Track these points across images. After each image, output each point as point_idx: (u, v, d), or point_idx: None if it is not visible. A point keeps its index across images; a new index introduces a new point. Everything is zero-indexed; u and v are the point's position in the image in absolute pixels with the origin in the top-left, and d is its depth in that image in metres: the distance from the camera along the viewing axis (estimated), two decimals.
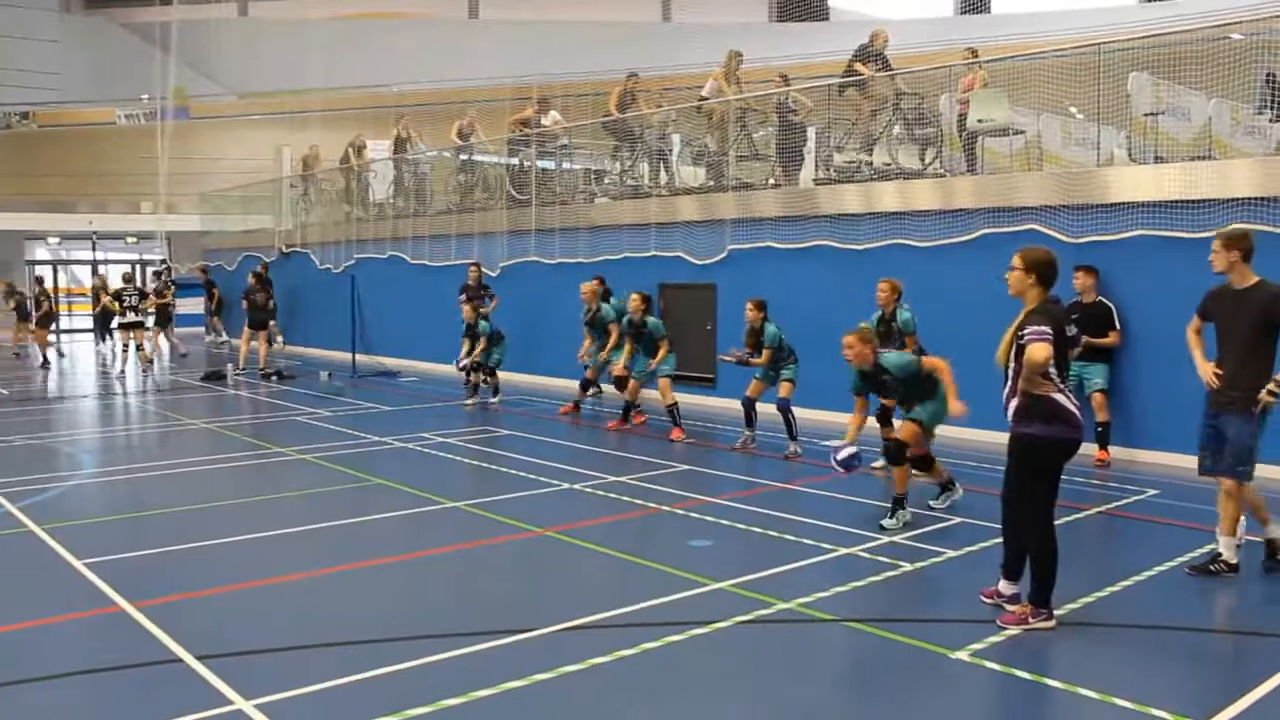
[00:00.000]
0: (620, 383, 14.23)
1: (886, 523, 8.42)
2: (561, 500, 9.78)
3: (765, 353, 11.77)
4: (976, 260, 12.55)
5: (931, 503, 9.13)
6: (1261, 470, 7.25)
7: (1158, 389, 11.09)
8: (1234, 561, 7.15)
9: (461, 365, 16.43)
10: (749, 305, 11.92)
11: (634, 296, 13.73)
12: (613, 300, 15.07)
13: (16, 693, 5.35)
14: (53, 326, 26.41)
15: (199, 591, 7.04)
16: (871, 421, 10.08)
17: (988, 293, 11.93)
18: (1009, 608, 6.25)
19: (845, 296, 13.65)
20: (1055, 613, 6.15)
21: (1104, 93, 12.16)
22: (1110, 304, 11.36)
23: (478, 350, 16.24)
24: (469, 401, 16.33)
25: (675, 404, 13.44)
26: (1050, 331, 5.87)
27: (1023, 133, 13.06)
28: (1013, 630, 6.03)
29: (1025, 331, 5.94)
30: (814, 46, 26.28)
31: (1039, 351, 5.81)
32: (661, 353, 13.52)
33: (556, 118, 20.00)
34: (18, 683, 5.45)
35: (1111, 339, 11.30)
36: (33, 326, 25.35)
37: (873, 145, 14.54)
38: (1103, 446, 11.23)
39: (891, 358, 8.88)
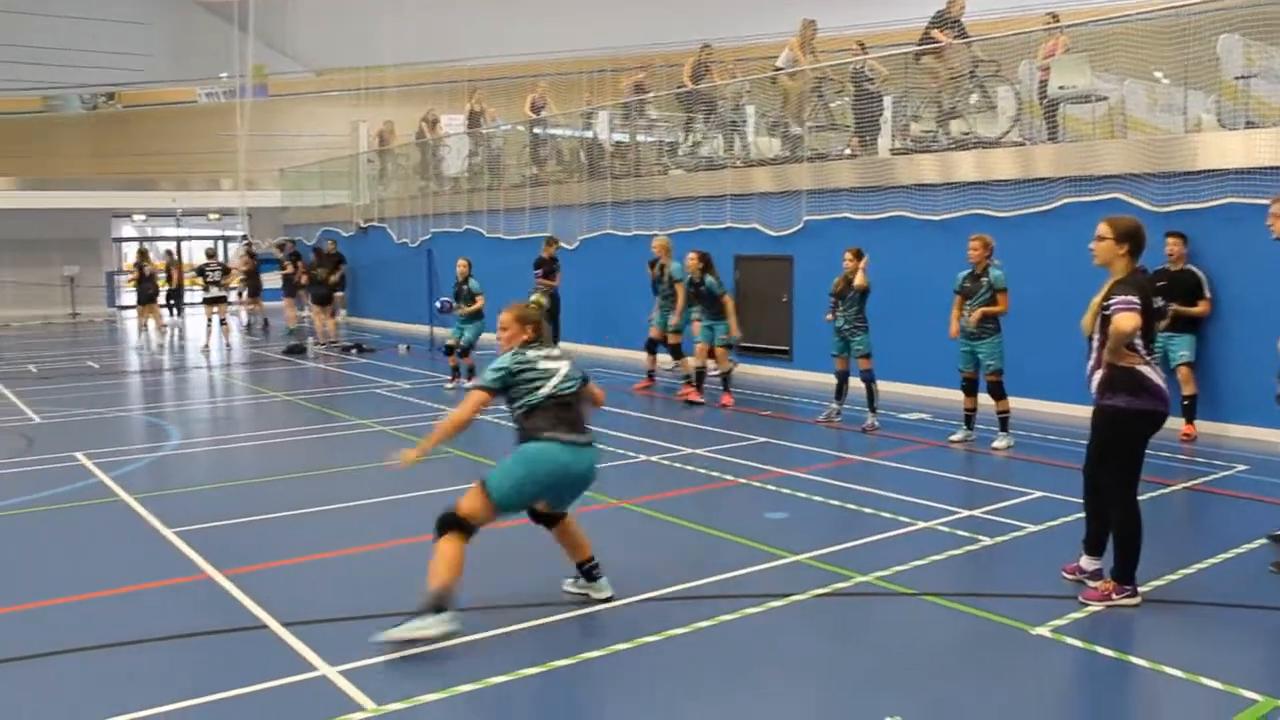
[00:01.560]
0: (675, 350, 14.35)
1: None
2: (638, 472, 9.83)
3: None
4: (1057, 230, 12.33)
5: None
6: None
7: (1247, 361, 10.81)
8: None
9: (444, 306, 15.76)
10: (848, 255, 11.64)
11: (691, 255, 13.59)
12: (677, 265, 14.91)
13: (108, 656, 5.53)
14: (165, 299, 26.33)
15: (285, 560, 7.21)
16: (951, 393, 10.01)
17: (1068, 263, 11.77)
18: (1091, 584, 6.17)
19: (922, 267, 13.51)
20: (1140, 590, 6.05)
21: (1192, 56, 11.83)
22: (1200, 272, 11.08)
23: (469, 308, 15.18)
24: (450, 384, 15.47)
25: (729, 371, 13.43)
26: (1138, 301, 5.75)
27: (1106, 99, 12.76)
28: (1095, 607, 5.95)
29: (1112, 301, 5.81)
30: (891, 14, 25.85)
31: (1126, 321, 5.69)
32: (728, 311, 13.39)
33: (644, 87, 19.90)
34: (110, 646, 5.63)
35: (1201, 308, 11.01)
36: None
37: (950, 114, 14.31)
38: (1189, 420, 10.99)
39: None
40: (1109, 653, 5.37)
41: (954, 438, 10.86)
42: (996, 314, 10.43)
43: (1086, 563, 6.33)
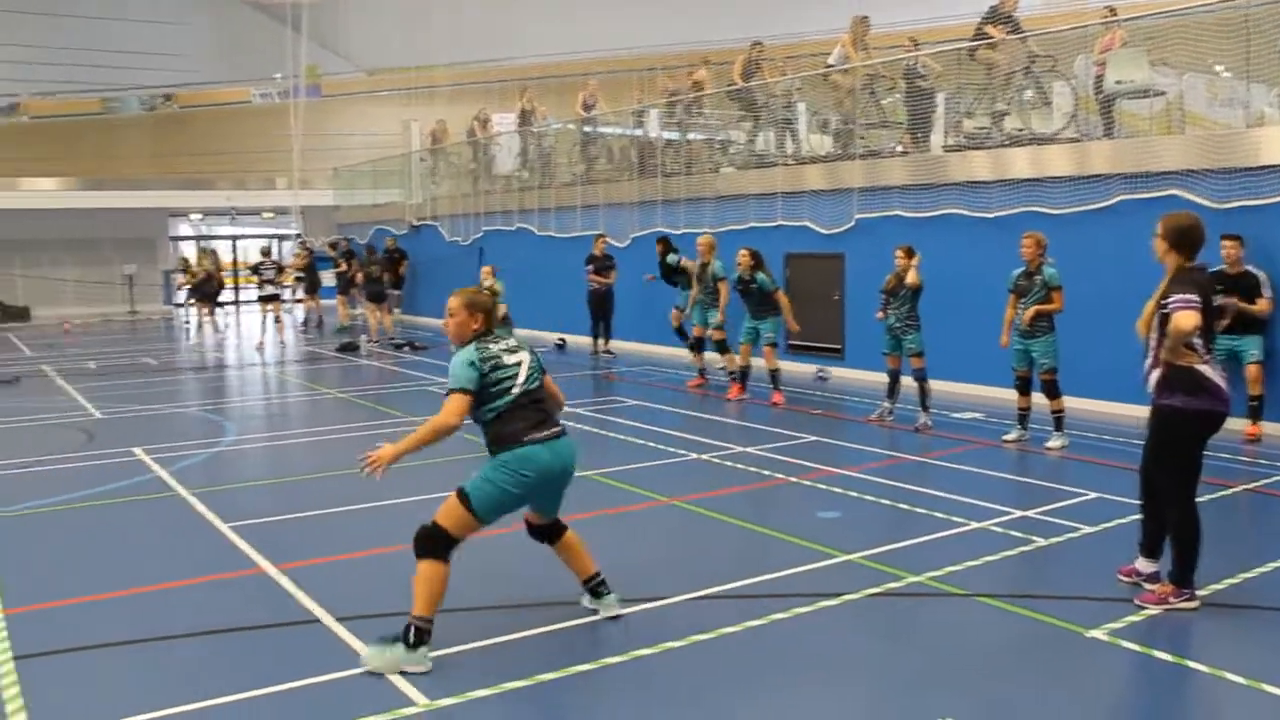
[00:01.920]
0: (721, 346, 14.32)
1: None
2: (689, 470, 9.82)
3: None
4: (1112, 227, 12.15)
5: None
6: None
7: None
8: None
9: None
10: (899, 252, 11.54)
11: (742, 251, 13.36)
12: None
13: (163, 649, 5.62)
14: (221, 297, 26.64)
15: (338, 555, 7.28)
16: (1005, 392, 9.85)
17: (1123, 261, 11.62)
18: (1148, 586, 6.07)
19: (975, 265, 13.39)
20: (1198, 593, 5.95)
21: (1254, 49, 11.60)
22: (1259, 273, 10.85)
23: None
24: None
25: (777, 369, 13.33)
26: (1197, 299, 5.65)
27: (1164, 94, 12.56)
28: (1152, 610, 5.86)
29: (1170, 300, 5.71)
30: (944, 9, 25.60)
31: (1185, 320, 5.59)
32: (784, 307, 13.28)
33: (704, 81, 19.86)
34: (164, 639, 5.72)
35: (1261, 306, 10.78)
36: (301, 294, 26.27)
37: (1004, 110, 14.16)
38: (1254, 421, 10.78)
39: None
40: (1166, 657, 5.28)
41: (1007, 437, 10.75)
42: (1051, 312, 10.30)
43: (1143, 565, 6.23)
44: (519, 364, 5.59)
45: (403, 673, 5.13)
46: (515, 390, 5.50)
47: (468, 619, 5.93)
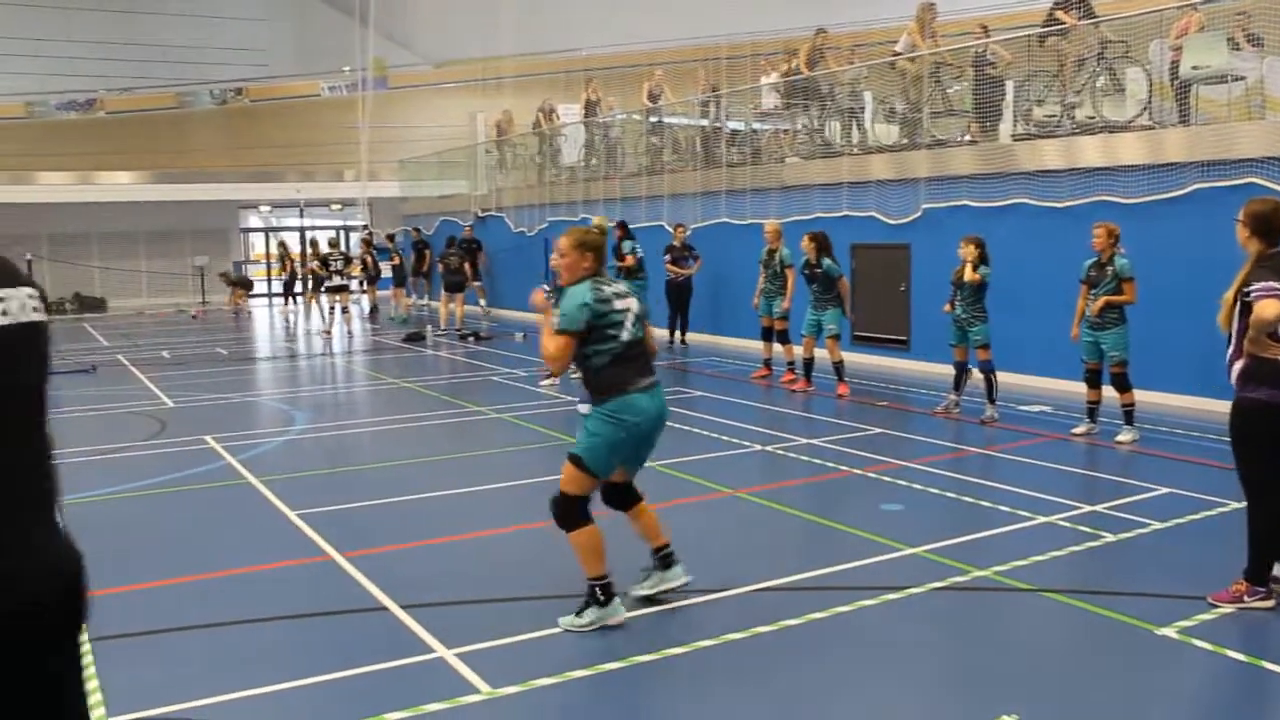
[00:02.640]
0: (782, 336, 14.22)
1: None
2: (753, 462, 9.80)
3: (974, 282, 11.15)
4: (1188, 217, 11.89)
5: None
6: None
7: None
8: None
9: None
10: (965, 243, 11.38)
11: (806, 236, 13.26)
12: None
13: (235, 632, 5.73)
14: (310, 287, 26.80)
15: (404, 543, 7.37)
16: (1073, 385, 9.68)
17: (1200, 251, 11.37)
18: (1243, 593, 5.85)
19: (1044, 256, 13.18)
20: (1276, 591, 5.81)
21: None
22: None
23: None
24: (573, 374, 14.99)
25: (841, 361, 13.19)
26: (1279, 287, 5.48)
27: (1243, 78, 12.24)
28: (1226, 608, 5.73)
29: (1252, 288, 5.53)
30: None
31: (1269, 309, 5.40)
32: (844, 294, 13.16)
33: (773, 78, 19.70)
34: (234, 624, 5.83)
35: None
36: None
37: (1076, 98, 13.90)
38: None
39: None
40: (1240, 656, 5.17)
41: (1076, 430, 10.58)
42: (1122, 303, 10.10)
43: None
44: (627, 310, 5.65)
45: (604, 627, 5.57)
46: (624, 336, 5.57)
47: (530, 608, 5.97)
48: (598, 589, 5.60)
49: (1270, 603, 5.73)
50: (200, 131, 38.94)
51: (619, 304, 5.61)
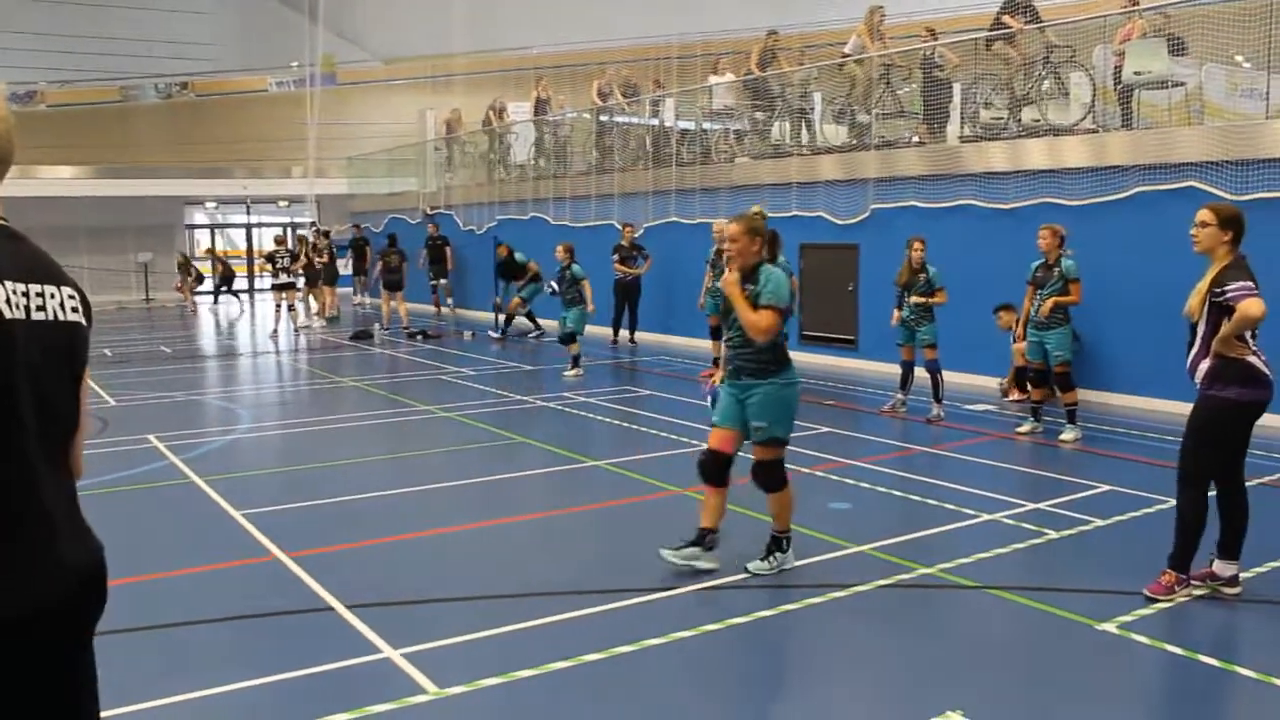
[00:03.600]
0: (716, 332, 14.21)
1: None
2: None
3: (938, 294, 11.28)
4: (1130, 219, 12.08)
5: None
6: None
7: None
8: None
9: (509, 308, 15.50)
10: (915, 244, 11.51)
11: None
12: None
13: (179, 634, 5.65)
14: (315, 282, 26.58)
15: (351, 543, 7.30)
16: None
17: (1141, 252, 11.54)
18: (1228, 591, 5.93)
19: (990, 257, 13.32)
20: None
21: (1277, 38, 11.50)
22: None
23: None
24: (569, 372, 15.35)
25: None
26: (1255, 286, 5.60)
27: (1183, 84, 12.46)
28: (1164, 603, 5.82)
29: (1229, 288, 5.60)
30: None
31: (1254, 307, 5.49)
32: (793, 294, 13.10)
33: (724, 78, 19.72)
34: (178, 625, 5.74)
35: None
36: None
37: (1021, 101, 14.07)
38: None
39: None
40: (1179, 651, 5.26)
41: (1021, 429, 10.71)
42: (1069, 304, 10.24)
43: (1220, 567, 5.98)
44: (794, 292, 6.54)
45: (782, 570, 6.36)
46: (793, 314, 6.39)
47: (476, 608, 5.94)
48: (785, 539, 6.41)
49: (1202, 589, 5.84)
50: (145, 126, 38.37)
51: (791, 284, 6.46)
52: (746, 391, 6.28)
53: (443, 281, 24.68)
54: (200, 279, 32.07)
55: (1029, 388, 10.90)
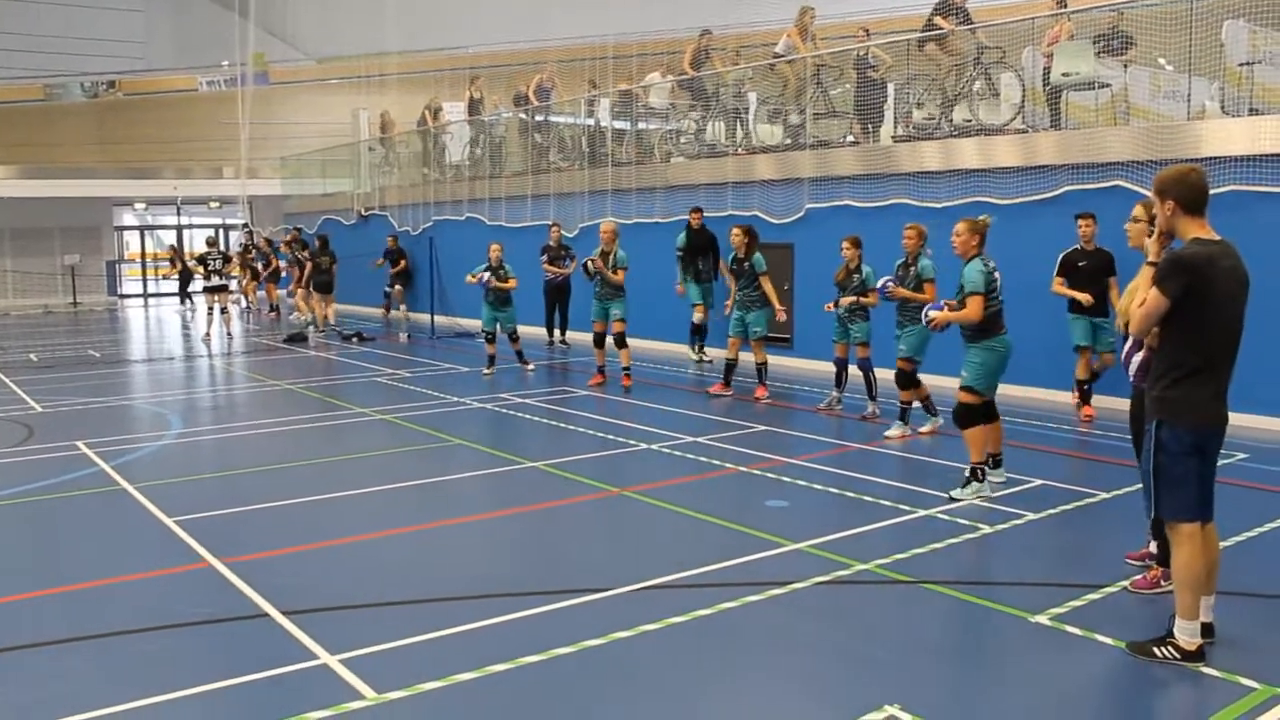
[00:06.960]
0: (619, 339, 14.05)
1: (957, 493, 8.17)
2: (638, 460, 9.83)
3: (873, 295, 11.35)
4: (1059, 217, 12.28)
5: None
6: None
7: (1252, 351, 10.72)
8: None
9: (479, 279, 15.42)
10: (846, 243, 11.59)
11: (736, 228, 13.02)
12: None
13: (112, 643, 5.53)
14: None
15: (285, 548, 7.21)
16: (948, 380, 9.87)
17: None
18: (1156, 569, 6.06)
19: None
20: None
21: (1196, 42, 11.77)
22: (1112, 252, 11.19)
23: (505, 284, 15.37)
24: (487, 371, 15.58)
25: (765, 362, 13.09)
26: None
27: (1109, 86, 12.71)
28: (1145, 595, 5.94)
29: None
30: (895, 0, 25.79)
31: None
32: (771, 294, 12.92)
33: (657, 79, 19.70)
34: (110, 635, 5.63)
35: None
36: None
37: (953, 101, 14.25)
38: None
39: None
40: (1108, 640, 5.36)
41: (923, 428, 10.78)
42: (921, 302, 10.05)
43: (1156, 547, 6.14)
44: (1000, 282, 8.12)
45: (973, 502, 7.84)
46: (1000, 299, 8.10)
47: (413, 611, 5.90)
48: (979, 470, 8.07)
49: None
50: (70, 125, 37.63)
51: (998, 275, 8.12)
52: (967, 349, 8.16)
53: (397, 288, 24.38)
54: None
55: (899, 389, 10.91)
